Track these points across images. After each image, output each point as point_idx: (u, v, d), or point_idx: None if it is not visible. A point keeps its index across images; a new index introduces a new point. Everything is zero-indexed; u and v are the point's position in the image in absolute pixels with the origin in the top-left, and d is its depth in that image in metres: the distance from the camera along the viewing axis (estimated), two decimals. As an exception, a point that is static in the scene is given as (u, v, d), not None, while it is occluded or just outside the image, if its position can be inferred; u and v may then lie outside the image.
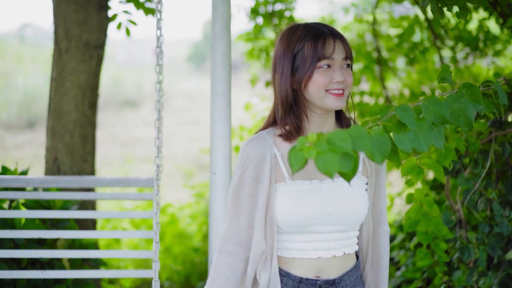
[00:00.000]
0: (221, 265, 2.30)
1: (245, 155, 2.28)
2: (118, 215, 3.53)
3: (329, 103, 2.25)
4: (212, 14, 3.04)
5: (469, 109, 2.11)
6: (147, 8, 4.88)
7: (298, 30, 2.28)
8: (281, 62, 2.28)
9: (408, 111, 2.00)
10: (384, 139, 1.92)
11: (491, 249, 3.30)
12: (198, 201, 6.35)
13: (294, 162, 1.79)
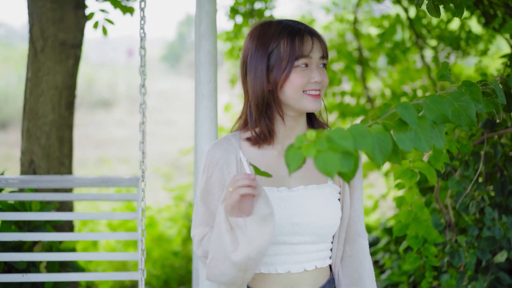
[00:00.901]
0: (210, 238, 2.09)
1: (209, 158, 2.16)
2: (102, 217, 3.42)
3: (306, 104, 2.12)
4: (196, 13, 2.94)
5: (471, 108, 2.03)
6: (124, 7, 4.76)
7: (271, 27, 2.14)
8: (254, 62, 2.13)
9: (409, 109, 1.91)
10: (386, 138, 1.83)
11: (480, 252, 3.24)
12: (177, 203, 6.22)
13: (291, 161, 1.69)
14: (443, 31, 5.47)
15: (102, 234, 3.67)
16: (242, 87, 2.23)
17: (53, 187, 3.56)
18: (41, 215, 3.33)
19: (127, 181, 3.35)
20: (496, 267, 3.33)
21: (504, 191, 3.28)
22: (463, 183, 3.20)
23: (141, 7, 3.00)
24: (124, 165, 10.41)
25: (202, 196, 2.16)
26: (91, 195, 3.48)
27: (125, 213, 3.33)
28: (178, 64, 21.42)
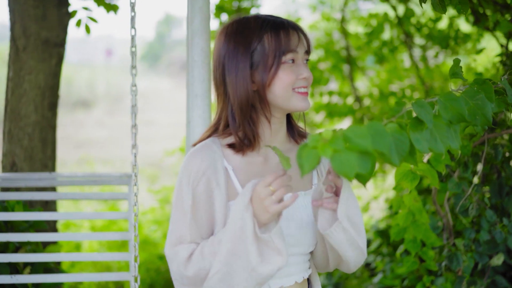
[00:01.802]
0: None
1: (193, 169, 1.93)
2: (93, 216, 3.28)
3: (296, 103, 1.97)
4: (189, 9, 2.82)
5: (487, 107, 1.94)
6: (108, 4, 4.63)
7: (249, 22, 1.97)
8: (234, 61, 1.94)
9: (425, 107, 1.82)
10: (403, 137, 1.74)
11: (479, 256, 3.17)
12: (162, 206, 6.09)
13: (305, 161, 1.58)
14: (432, 30, 5.41)
15: (93, 234, 3.51)
16: (215, 90, 2.03)
17: (41, 185, 3.43)
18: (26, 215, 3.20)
19: (118, 178, 3.22)
20: (492, 270, 3.26)
21: (501, 192, 3.21)
22: (462, 185, 3.11)
23: (131, 4, 2.87)
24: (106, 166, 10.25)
25: (184, 212, 1.93)
26: (80, 194, 3.35)
27: (116, 213, 3.21)
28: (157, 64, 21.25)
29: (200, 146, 1.99)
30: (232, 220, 1.83)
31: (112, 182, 3.25)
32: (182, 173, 1.95)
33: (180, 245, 1.91)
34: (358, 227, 1.99)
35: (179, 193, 1.95)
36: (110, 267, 5.35)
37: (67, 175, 3.42)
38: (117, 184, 3.26)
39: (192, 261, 1.89)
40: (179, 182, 1.96)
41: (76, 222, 5.88)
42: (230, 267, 1.82)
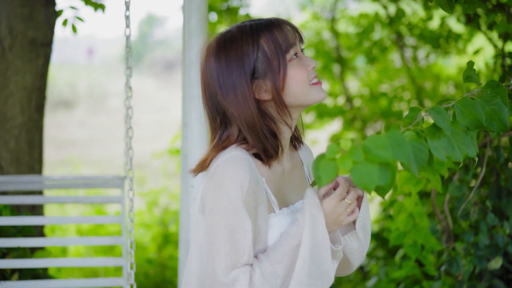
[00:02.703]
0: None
1: (243, 183, 1.75)
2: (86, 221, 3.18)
3: (315, 96, 1.86)
4: (185, 9, 2.73)
5: (504, 111, 1.87)
6: (95, 4, 4.52)
7: (234, 34, 1.84)
8: (229, 79, 1.80)
9: (443, 114, 1.75)
10: (422, 146, 1.67)
11: (477, 259, 3.12)
12: (150, 209, 5.99)
13: (323, 173, 1.51)
14: (423, 30, 5.37)
15: (85, 239, 3.38)
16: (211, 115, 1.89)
17: (30, 189, 3.32)
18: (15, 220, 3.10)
19: (111, 181, 3.12)
20: (490, 274, 3.21)
21: (500, 195, 3.16)
22: (463, 189, 3.06)
23: (126, 4, 2.78)
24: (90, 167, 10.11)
25: (244, 232, 1.75)
26: (72, 198, 3.27)
27: (109, 217, 3.11)
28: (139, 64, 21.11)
29: (236, 157, 1.79)
30: (292, 236, 1.76)
31: (105, 185, 3.16)
32: (230, 190, 1.75)
33: (236, 269, 1.74)
34: (369, 235, 1.97)
35: (232, 213, 1.75)
36: (96, 272, 5.24)
37: (57, 178, 3.32)
38: (110, 187, 3.16)
39: (255, 284, 1.75)
40: (226, 199, 1.75)
41: (63, 226, 5.75)
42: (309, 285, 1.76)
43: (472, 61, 2.00)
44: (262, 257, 1.78)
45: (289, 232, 1.78)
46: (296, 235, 1.76)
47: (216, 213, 1.76)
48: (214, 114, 1.87)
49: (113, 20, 15.12)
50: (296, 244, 1.76)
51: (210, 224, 1.77)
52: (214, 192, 1.77)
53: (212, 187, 1.78)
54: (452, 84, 5.89)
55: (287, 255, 1.76)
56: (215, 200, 1.77)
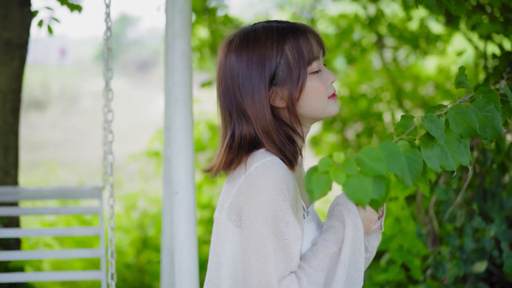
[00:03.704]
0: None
1: (289, 187, 1.70)
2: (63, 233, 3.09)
3: (330, 110, 1.83)
4: (168, 9, 2.66)
5: (497, 118, 1.83)
6: (71, 4, 4.42)
7: (259, 34, 1.79)
8: (249, 81, 1.76)
9: (436, 122, 1.70)
10: (416, 157, 1.62)
11: (463, 263, 3.10)
12: (127, 213, 5.89)
13: (316, 187, 1.44)
14: (403, 31, 5.36)
15: (63, 252, 3.26)
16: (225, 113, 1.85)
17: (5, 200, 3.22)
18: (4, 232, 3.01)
19: (88, 192, 3.05)
20: (474, 277, 3.19)
21: (485, 197, 3.15)
22: (449, 192, 3.04)
23: (106, 3, 2.71)
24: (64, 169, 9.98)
25: (296, 239, 1.71)
26: (49, 209, 3.17)
27: (87, 229, 3.04)
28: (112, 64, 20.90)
29: (275, 161, 1.73)
30: (332, 243, 1.75)
31: (82, 196, 3.07)
32: (274, 193, 1.69)
33: (286, 278, 1.68)
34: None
35: (278, 215, 1.68)
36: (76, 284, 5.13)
37: (33, 189, 3.23)
38: (88, 198, 3.08)
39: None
40: (275, 207, 1.68)
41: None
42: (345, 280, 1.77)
43: (463, 66, 1.96)
44: (303, 264, 1.73)
45: (327, 239, 1.75)
46: (336, 242, 1.75)
47: (262, 221, 1.68)
48: (230, 110, 1.82)
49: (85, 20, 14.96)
50: (335, 251, 1.74)
51: (255, 233, 1.69)
52: (255, 199, 1.69)
53: (251, 194, 1.70)
54: (432, 85, 5.89)
55: (327, 262, 1.74)
56: (258, 208, 1.69)
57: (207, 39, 5.46)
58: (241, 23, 5.47)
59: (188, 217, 2.57)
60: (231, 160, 1.80)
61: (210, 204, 5.97)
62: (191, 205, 2.57)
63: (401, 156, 1.53)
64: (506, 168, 3.14)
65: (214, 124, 6.27)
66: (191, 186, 2.58)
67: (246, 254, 1.71)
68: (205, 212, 5.90)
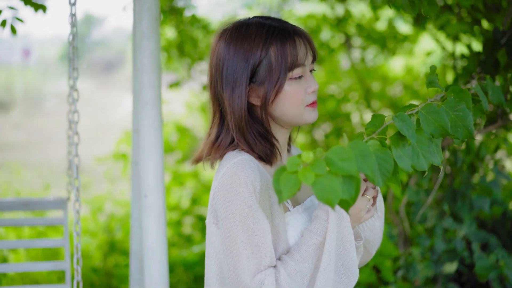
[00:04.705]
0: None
1: (256, 184, 1.73)
2: (26, 245, 3.01)
3: (307, 117, 1.85)
4: (135, 9, 2.60)
5: (468, 118, 1.82)
6: (35, 4, 4.33)
7: (251, 29, 1.81)
8: (232, 74, 1.80)
9: (407, 121, 1.68)
10: (386, 157, 1.60)
11: (433, 264, 3.10)
12: (94, 215, 5.79)
13: (284, 188, 1.42)
14: (371, 31, 5.37)
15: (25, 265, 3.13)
16: (211, 100, 1.89)
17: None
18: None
19: (52, 203, 2.97)
20: (444, 277, 3.20)
21: (455, 198, 3.15)
22: (420, 193, 3.03)
23: (72, 2, 2.65)
24: (28, 171, 9.81)
25: (263, 234, 1.73)
26: (11, 221, 3.08)
27: (51, 240, 2.95)
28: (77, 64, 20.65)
29: (244, 161, 1.77)
30: (316, 234, 1.75)
31: (46, 207, 2.99)
32: (243, 193, 1.72)
33: (261, 273, 1.71)
34: (383, 214, 2.01)
35: (248, 216, 1.72)
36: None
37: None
38: (52, 209, 3.00)
39: (282, 286, 1.71)
40: (241, 203, 1.72)
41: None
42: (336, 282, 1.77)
43: (434, 66, 1.95)
44: (286, 257, 1.76)
45: (311, 230, 1.77)
46: (320, 232, 1.76)
47: (232, 219, 1.73)
48: (215, 104, 1.87)
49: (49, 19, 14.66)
50: (320, 241, 1.75)
51: (227, 231, 1.75)
52: (226, 198, 1.75)
53: (223, 195, 1.75)
54: (400, 85, 5.91)
55: (311, 253, 1.75)
56: (229, 207, 1.74)
57: (174, 39, 5.40)
58: (208, 24, 5.43)
59: (158, 221, 2.52)
60: (213, 157, 1.87)
61: (178, 206, 5.92)
62: (161, 209, 2.52)
63: (371, 155, 1.51)
64: (476, 169, 3.15)
65: (182, 126, 6.22)
66: (160, 189, 2.53)
67: (223, 253, 1.75)
68: (173, 214, 5.84)
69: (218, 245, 1.77)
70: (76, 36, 2.64)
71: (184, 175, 6.15)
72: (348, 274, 1.80)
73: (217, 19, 5.97)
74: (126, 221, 5.55)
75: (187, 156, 6.22)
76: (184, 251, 5.44)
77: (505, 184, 3.75)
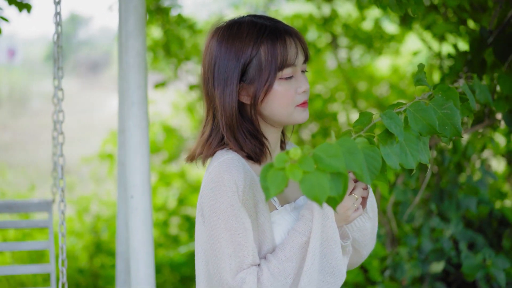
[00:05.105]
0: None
1: (239, 183, 1.74)
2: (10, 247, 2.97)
3: (297, 117, 1.85)
4: (121, 8, 2.58)
5: (456, 116, 1.82)
6: (20, 3, 4.29)
7: (242, 28, 1.82)
8: (223, 73, 1.81)
9: (395, 119, 1.68)
10: (375, 154, 1.59)
11: (421, 263, 3.10)
12: (80, 216, 5.75)
13: (272, 184, 1.41)
14: (357, 31, 5.37)
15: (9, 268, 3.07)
16: (205, 97, 1.89)
17: None
18: None
19: (37, 205, 2.94)
20: (431, 277, 3.20)
21: (442, 197, 3.16)
22: (408, 193, 3.03)
23: (56, 1, 2.62)
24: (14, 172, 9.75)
25: (245, 232, 1.74)
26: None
27: (36, 243, 2.91)
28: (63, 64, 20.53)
29: (230, 160, 1.79)
30: (300, 233, 1.75)
31: (31, 210, 2.96)
32: (226, 192, 1.74)
33: (243, 271, 1.73)
34: (376, 216, 2.00)
35: (231, 215, 1.74)
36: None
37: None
38: (36, 211, 2.97)
39: (263, 284, 1.72)
40: (224, 202, 1.74)
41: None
42: (321, 282, 1.75)
43: (422, 64, 1.94)
44: (270, 256, 1.76)
45: (296, 229, 1.77)
46: (304, 231, 1.76)
47: (215, 218, 1.75)
48: (208, 102, 1.88)
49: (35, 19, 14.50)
50: (305, 241, 1.75)
51: (211, 229, 1.76)
52: (210, 197, 1.76)
53: (208, 193, 1.77)
54: (386, 85, 5.92)
55: (296, 253, 1.75)
56: (213, 206, 1.76)
57: (160, 39, 5.37)
58: (194, 23, 5.41)
59: (144, 222, 2.50)
60: (205, 155, 1.88)
61: (164, 206, 5.89)
62: (147, 210, 2.50)
63: (359, 153, 1.50)
64: (462, 168, 3.16)
65: (169, 126, 6.19)
66: (147, 190, 2.51)
67: (208, 250, 1.77)
68: (159, 214, 5.81)
69: (204, 243, 1.79)
70: (61, 35, 2.61)
71: (171, 175, 6.13)
72: (334, 274, 1.79)
73: (203, 19, 5.95)
74: (112, 222, 5.52)
75: (174, 156, 6.20)
76: (170, 251, 5.42)
77: (491, 184, 3.76)
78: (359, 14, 5.33)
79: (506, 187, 4.12)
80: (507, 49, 2.59)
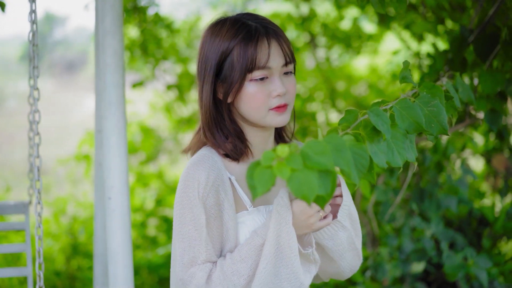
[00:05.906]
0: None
1: (201, 181, 1.77)
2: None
3: (270, 120, 1.83)
4: (98, 7, 2.53)
5: (442, 114, 1.80)
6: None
7: (225, 26, 1.82)
8: (203, 69, 1.83)
9: (382, 116, 1.65)
10: (362, 152, 1.56)
11: (402, 263, 3.09)
12: (56, 218, 5.67)
13: (259, 183, 1.38)
14: (336, 30, 5.35)
15: None
16: (198, 94, 1.90)
17: None
18: None
19: (13, 208, 2.87)
20: (412, 277, 3.19)
21: (422, 197, 3.15)
22: (389, 193, 3.01)
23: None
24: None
25: (199, 228, 1.76)
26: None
27: (11, 245, 2.83)
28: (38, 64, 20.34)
29: (201, 156, 1.82)
30: (258, 235, 1.74)
31: (6, 212, 2.89)
32: (188, 187, 1.77)
33: (195, 266, 1.76)
34: (358, 225, 1.93)
35: (188, 209, 1.77)
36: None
37: None
38: (13, 214, 2.90)
39: (213, 282, 1.73)
40: (184, 196, 1.78)
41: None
42: (277, 286, 1.72)
43: (407, 61, 1.93)
44: (227, 255, 1.77)
45: (256, 231, 1.77)
46: (262, 234, 1.75)
47: (176, 212, 1.80)
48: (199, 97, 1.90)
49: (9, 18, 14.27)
50: (261, 243, 1.74)
51: (174, 222, 1.81)
52: (177, 191, 1.80)
53: (178, 187, 1.81)
54: (365, 84, 5.91)
55: (251, 254, 1.74)
56: (176, 199, 1.80)
57: (137, 38, 5.31)
58: (171, 22, 5.36)
59: (122, 223, 2.45)
60: (192, 150, 1.92)
61: (142, 207, 5.83)
62: (125, 211, 2.45)
63: (347, 150, 1.47)
64: (442, 167, 3.15)
65: (147, 126, 6.14)
66: (125, 191, 2.46)
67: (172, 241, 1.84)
68: (137, 216, 5.75)
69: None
70: (37, 33, 2.56)
71: (148, 176, 6.08)
72: (290, 281, 1.75)
73: (180, 19, 5.90)
74: (89, 223, 5.46)
75: (151, 157, 6.14)
76: (149, 253, 5.36)
77: (470, 183, 3.76)
78: (337, 13, 5.32)
79: (484, 186, 4.13)
80: (488, 48, 2.59)
